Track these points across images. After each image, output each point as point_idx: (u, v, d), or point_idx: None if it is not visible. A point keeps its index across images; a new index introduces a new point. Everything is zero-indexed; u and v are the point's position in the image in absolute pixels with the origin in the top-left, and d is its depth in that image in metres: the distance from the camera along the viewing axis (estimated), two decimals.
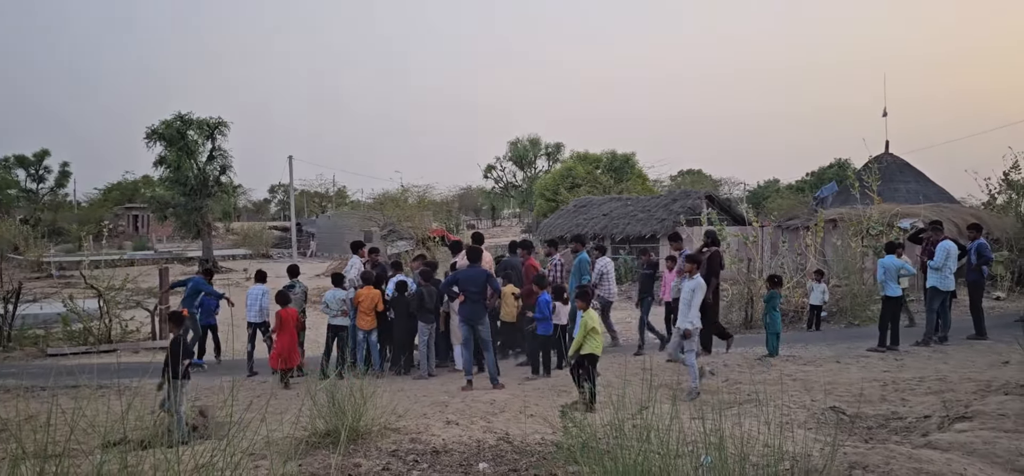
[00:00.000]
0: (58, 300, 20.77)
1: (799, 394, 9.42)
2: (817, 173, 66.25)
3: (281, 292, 12.58)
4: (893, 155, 28.89)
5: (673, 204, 29.45)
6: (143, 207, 69.69)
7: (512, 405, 8.87)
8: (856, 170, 27.48)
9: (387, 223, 44.43)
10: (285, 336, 11.82)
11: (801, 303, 17.08)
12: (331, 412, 6.97)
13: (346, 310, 12.36)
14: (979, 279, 13.12)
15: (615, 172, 45.94)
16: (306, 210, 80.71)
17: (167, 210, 49.37)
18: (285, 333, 11.84)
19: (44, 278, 38.28)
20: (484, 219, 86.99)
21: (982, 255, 13.00)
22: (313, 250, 58.49)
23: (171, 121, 44.96)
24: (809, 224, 20.19)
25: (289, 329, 11.89)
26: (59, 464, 4.04)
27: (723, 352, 12.36)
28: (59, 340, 17.34)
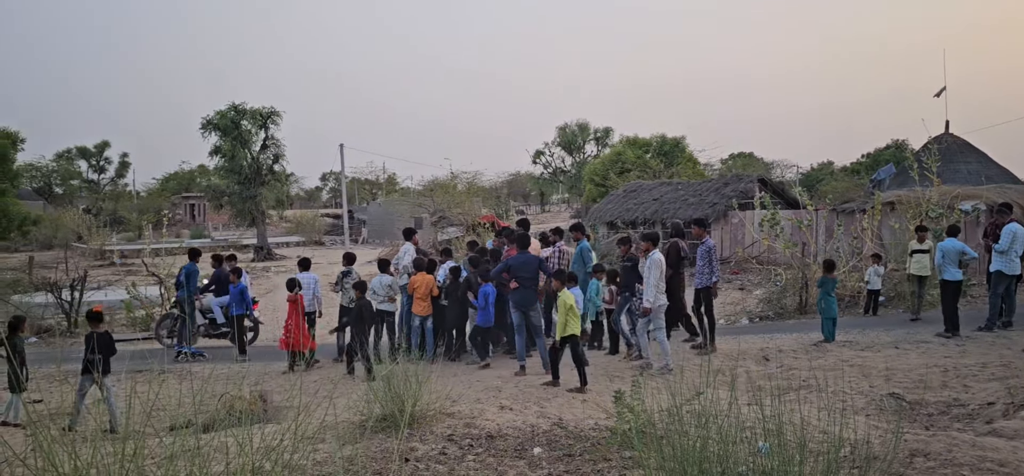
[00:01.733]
0: (121, 287, 21.42)
1: (857, 380, 9.27)
2: (873, 155, 64.69)
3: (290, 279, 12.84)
4: (953, 135, 28.06)
5: (725, 188, 29.09)
6: (199, 196, 71.29)
7: (565, 390, 8.90)
8: (914, 151, 26.80)
9: (437, 210, 44.70)
10: (293, 321, 12.08)
11: (857, 288, 16.76)
12: (387, 397, 7.07)
13: (393, 296, 12.47)
14: None
15: (665, 156, 45.50)
16: (357, 197, 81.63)
17: (222, 198, 50.44)
18: (293, 318, 12.10)
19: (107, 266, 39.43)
20: (533, 205, 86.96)
21: None
22: (364, 237, 59.18)
23: (225, 111, 45.85)
24: (866, 207, 19.76)
25: (296, 315, 12.12)
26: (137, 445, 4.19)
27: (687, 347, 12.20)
28: (123, 326, 17.88)
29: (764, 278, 20.44)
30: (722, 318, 16.63)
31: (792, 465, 4.13)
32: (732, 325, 16.02)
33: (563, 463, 6.03)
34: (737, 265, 24.47)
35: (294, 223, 66.47)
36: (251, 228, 52.46)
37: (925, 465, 5.34)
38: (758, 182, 29.33)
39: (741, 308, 17.94)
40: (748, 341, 12.65)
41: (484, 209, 44.09)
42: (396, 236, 47.75)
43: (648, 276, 10.36)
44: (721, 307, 18.70)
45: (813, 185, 49.25)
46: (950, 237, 12.69)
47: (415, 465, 6.03)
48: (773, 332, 13.66)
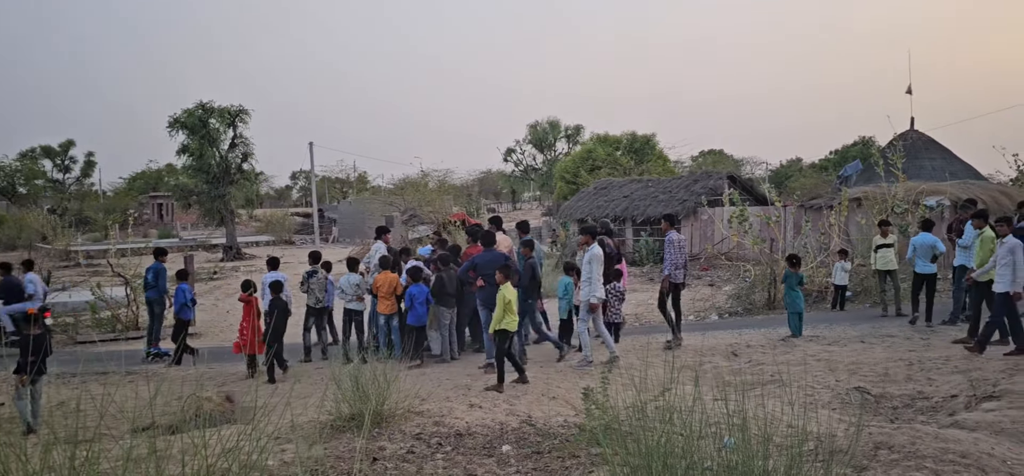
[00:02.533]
0: (86, 288, 21.08)
1: (823, 374, 9.37)
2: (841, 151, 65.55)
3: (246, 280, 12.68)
4: (918, 132, 28.46)
5: (694, 185, 29.28)
6: (167, 195, 70.37)
7: (535, 388, 8.90)
8: (880, 148, 27.15)
9: (408, 208, 44.56)
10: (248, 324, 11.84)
11: (825, 283, 16.95)
12: (355, 396, 7.03)
13: (361, 295, 12.40)
14: None
15: (635, 154, 45.71)
16: (327, 196, 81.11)
17: (191, 198, 49.84)
18: (247, 320, 11.86)
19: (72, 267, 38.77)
20: (504, 202, 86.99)
21: None
22: (335, 236, 58.77)
23: (193, 110, 45.26)
24: (833, 204, 19.98)
25: (251, 316, 11.91)
26: (90, 449, 4.11)
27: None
28: (88, 328, 17.60)
29: (733, 274, 20.60)
30: (692, 314, 16.74)
31: (756, 459, 4.15)
32: (702, 321, 16.12)
33: (532, 461, 6.02)
34: (707, 261, 24.64)
35: (264, 222, 65.88)
36: (220, 227, 51.82)
37: (889, 457, 5.40)
38: (727, 179, 29.54)
39: (711, 304, 18.06)
40: (717, 337, 12.75)
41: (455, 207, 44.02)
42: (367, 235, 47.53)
43: (586, 270, 10.59)
44: (690, 303, 18.82)
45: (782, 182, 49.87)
46: (924, 232, 12.95)
47: (383, 464, 5.99)
48: (742, 328, 13.77)
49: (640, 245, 27.99)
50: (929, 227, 13.17)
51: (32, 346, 8.49)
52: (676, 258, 11.94)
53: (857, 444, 5.30)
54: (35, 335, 8.84)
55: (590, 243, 10.80)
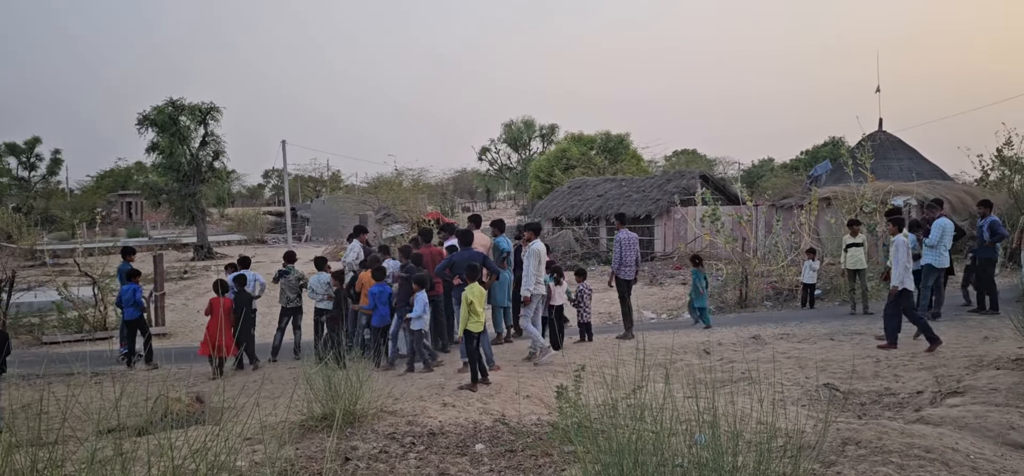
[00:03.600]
0: (52, 288, 20.76)
1: (793, 371, 9.47)
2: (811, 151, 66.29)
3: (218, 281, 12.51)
4: (887, 132, 28.88)
5: (668, 184, 29.47)
6: (136, 194, 69.46)
7: (508, 386, 8.90)
8: (850, 148, 27.48)
9: (382, 207, 44.38)
10: (215, 324, 11.68)
11: (795, 282, 17.13)
12: (327, 395, 6.98)
13: (331, 294, 12.31)
14: (993, 255, 13.07)
15: (610, 153, 45.91)
16: (301, 195, 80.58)
17: (160, 196, 49.18)
18: (215, 321, 11.71)
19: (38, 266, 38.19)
20: (479, 201, 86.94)
21: (995, 231, 12.95)
22: (308, 235, 58.43)
23: (163, 107, 44.73)
24: (803, 203, 20.20)
25: (217, 317, 11.76)
26: (53, 451, 4.05)
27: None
28: (54, 328, 17.33)
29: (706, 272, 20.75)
30: (664, 312, 16.85)
31: (726, 456, 4.18)
32: (674, 319, 16.24)
33: (505, 459, 6.02)
34: (679, 260, 24.80)
35: (235, 221, 65.33)
36: (190, 226, 51.30)
37: (856, 452, 5.47)
38: (700, 178, 29.77)
39: (683, 302, 18.17)
40: (689, 334, 12.84)
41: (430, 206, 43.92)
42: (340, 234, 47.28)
43: (527, 265, 10.80)
44: (663, 301, 18.95)
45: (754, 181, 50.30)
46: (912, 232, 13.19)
47: (355, 464, 5.96)
48: (714, 326, 13.87)
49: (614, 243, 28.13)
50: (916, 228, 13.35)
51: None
52: (626, 256, 12.55)
53: (825, 440, 5.37)
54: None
55: (533, 239, 11.15)
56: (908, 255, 10.66)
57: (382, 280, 11.32)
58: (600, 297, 18.38)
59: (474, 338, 9.10)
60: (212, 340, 11.71)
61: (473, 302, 9.14)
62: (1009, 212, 19.95)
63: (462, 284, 10.56)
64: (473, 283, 9.38)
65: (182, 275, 32.35)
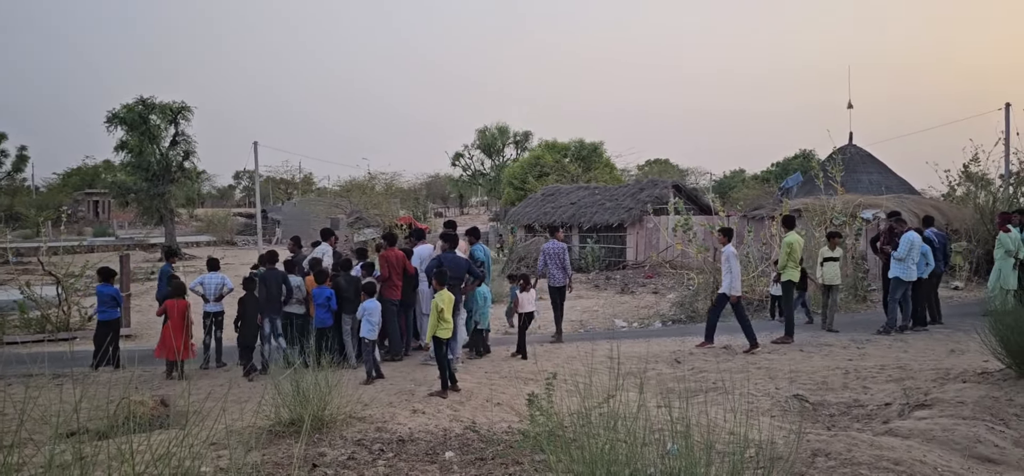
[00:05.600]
0: (15, 287, 20.33)
1: (764, 382, 9.50)
2: (782, 164, 67.06)
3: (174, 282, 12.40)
4: (857, 146, 29.25)
5: (640, 193, 29.58)
6: (104, 193, 68.43)
7: (479, 393, 8.83)
8: (820, 161, 27.78)
9: (354, 210, 44.08)
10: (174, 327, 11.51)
11: (765, 293, 17.24)
12: (295, 401, 6.87)
13: (302, 298, 12.03)
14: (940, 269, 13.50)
15: (583, 161, 46.03)
16: (272, 197, 79.86)
17: (128, 196, 48.45)
18: (172, 323, 11.56)
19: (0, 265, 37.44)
20: (452, 206, 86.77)
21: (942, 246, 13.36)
22: (279, 237, 57.86)
23: (133, 105, 44.08)
24: (774, 214, 20.36)
25: (176, 320, 11.61)
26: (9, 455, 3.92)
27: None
28: (16, 328, 16.95)
29: (677, 282, 20.83)
30: (636, 321, 16.87)
31: (699, 466, 4.16)
32: (646, 328, 16.26)
33: (475, 467, 5.96)
34: (651, 269, 24.88)
35: (205, 222, 64.56)
36: (159, 227, 50.59)
37: (826, 464, 5.48)
38: (673, 188, 29.92)
39: (655, 311, 18.23)
40: (661, 343, 12.86)
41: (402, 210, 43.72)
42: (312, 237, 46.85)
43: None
44: (635, 310, 18.99)
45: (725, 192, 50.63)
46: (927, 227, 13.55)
47: (324, 471, 5.87)
48: (685, 335, 13.91)
49: (586, 251, 28.14)
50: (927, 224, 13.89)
51: None
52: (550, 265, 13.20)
53: (796, 451, 5.37)
54: None
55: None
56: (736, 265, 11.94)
57: (324, 283, 11.20)
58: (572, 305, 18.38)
59: (443, 344, 9.03)
60: (166, 342, 11.53)
61: (443, 309, 9.06)
62: (974, 227, 20.25)
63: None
64: (442, 289, 9.29)
65: (149, 276, 31.83)
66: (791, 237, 12.83)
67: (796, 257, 12.71)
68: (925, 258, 13.08)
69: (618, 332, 15.79)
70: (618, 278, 24.39)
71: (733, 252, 12.02)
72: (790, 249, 12.60)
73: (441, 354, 8.91)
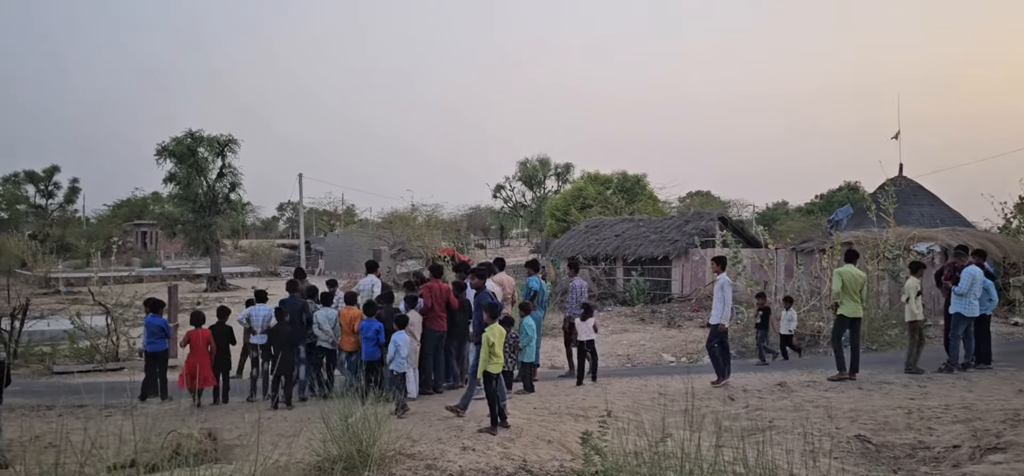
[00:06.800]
0: (65, 316, 20.68)
1: (822, 421, 9.16)
2: (826, 196, 66.03)
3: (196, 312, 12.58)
4: (907, 178, 28.60)
5: (686, 225, 29.23)
6: (152, 223, 69.82)
7: (529, 430, 8.64)
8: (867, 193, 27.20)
9: (396, 242, 44.31)
10: (194, 357, 11.65)
11: (816, 328, 16.82)
12: (344, 436, 6.75)
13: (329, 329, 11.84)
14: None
15: (626, 193, 45.72)
16: (315, 228, 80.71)
17: (176, 227, 49.45)
18: (194, 354, 11.68)
19: (51, 294, 38.25)
20: (493, 239, 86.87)
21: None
22: (322, 268, 58.37)
23: (182, 138, 45.10)
24: (824, 247, 19.93)
25: (199, 349, 11.70)
26: None
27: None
28: (66, 357, 17.20)
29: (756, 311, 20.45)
30: (684, 356, 16.54)
31: None
32: (695, 363, 15.92)
33: None
34: (698, 303, 24.50)
35: (249, 253, 65.39)
36: (205, 257, 51.41)
37: None
38: (719, 220, 29.53)
39: (702, 347, 17.85)
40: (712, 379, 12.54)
41: (444, 242, 43.80)
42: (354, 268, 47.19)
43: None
44: (682, 344, 18.65)
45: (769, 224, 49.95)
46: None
47: None
48: (736, 371, 13.56)
49: (631, 284, 27.83)
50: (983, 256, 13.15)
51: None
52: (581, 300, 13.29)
53: None
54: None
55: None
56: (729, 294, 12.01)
57: (372, 316, 11.13)
58: (618, 339, 18.16)
59: (493, 379, 8.86)
60: (190, 372, 11.58)
61: (494, 343, 8.90)
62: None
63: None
64: (494, 323, 9.15)
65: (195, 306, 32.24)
66: (840, 269, 12.44)
67: (849, 290, 12.23)
68: (987, 293, 12.62)
69: (666, 367, 15.48)
70: (664, 311, 24.04)
71: (727, 281, 12.04)
72: (840, 281, 12.17)
73: (491, 389, 8.74)
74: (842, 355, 12.06)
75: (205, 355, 11.72)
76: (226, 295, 39.16)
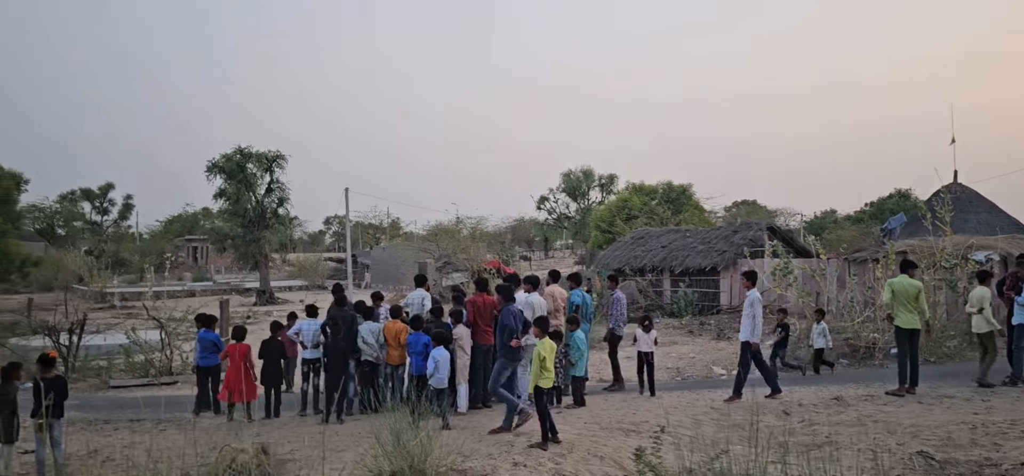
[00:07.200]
0: (121, 331, 21.12)
1: (883, 437, 8.90)
2: (877, 203, 64.75)
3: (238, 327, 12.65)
4: (962, 185, 27.84)
5: (734, 235, 28.85)
6: (202, 238, 71.27)
7: (580, 445, 8.54)
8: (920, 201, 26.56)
9: (441, 255, 44.50)
10: (234, 370, 11.73)
11: (871, 339, 16.41)
12: (396, 452, 6.73)
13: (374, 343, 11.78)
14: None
15: (672, 203, 45.33)
16: (361, 242, 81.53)
17: (226, 241, 50.37)
18: (234, 367, 11.75)
19: (107, 309, 39.13)
20: (537, 251, 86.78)
21: None
22: (368, 281, 58.87)
23: (231, 154, 45.95)
24: (878, 256, 19.47)
25: (237, 363, 11.76)
26: None
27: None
28: (121, 372, 17.54)
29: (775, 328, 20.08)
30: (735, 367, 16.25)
31: None
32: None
33: None
34: None
35: (297, 267, 66.26)
36: (254, 271, 52.24)
37: None
38: (767, 230, 29.09)
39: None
40: (764, 393, 12.29)
41: (489, 254, 43.85)
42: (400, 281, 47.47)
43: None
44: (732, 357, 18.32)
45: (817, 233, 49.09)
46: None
47: None
48: (789, 384, 13.28)
49: (678, 296, 27.52)
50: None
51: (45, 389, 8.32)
52: (622, 313, 13.29)
53: None
54: (50, 378, 8.69)
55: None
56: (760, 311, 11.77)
57: (419, 330, 11.12)
58: (667, 351, 17.95)
59: (544, 394, 8.78)
60: (231, 386, 11.70)
61: (545, 357, 8.82)
62: None
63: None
64: (545, 338, 9.08)
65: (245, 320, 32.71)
66: (891, 280, 12.11)
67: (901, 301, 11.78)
68: None
69: (717, 380, 15.24)
70: (713, 323, 23.71)
71: (758, 297, 11.82)
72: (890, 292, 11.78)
73: (542, 404, 8.65)
74: (904, 368, 11.72)
75: (240, 368, 11.83)
76: (275, 309, 39.71)
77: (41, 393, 8.22)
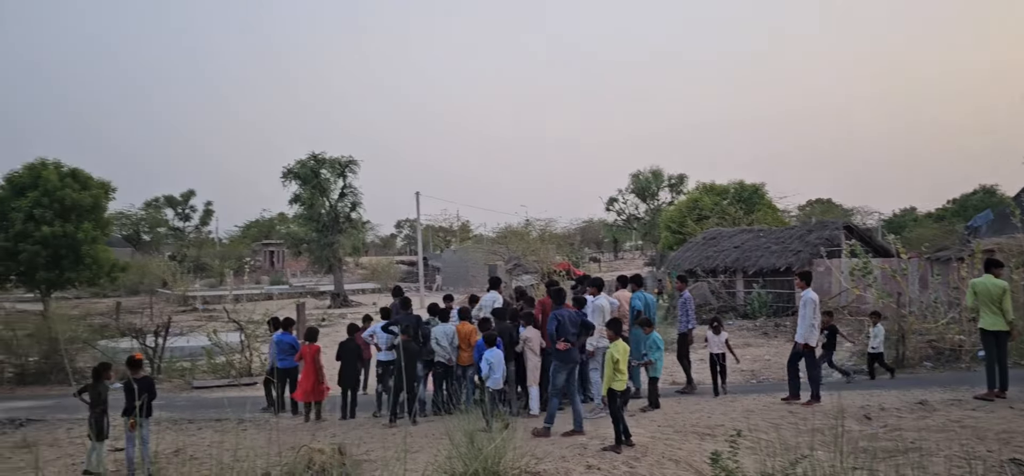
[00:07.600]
0: (203, 333, 21.78)
1: (971, 443, 8.54)
2: (960, 200, 62.38)
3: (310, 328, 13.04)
4: None
5: (809, 235, 28.14)
6: (279, 243, 73.01)
7: (654, 449, 8.44)
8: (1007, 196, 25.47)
9: (511, 257, 44.62)
10: (308, 371, 12.17)
11: (957, 341, 15.77)
12: (470, 454, 6.77)
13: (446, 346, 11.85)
14: None
15: (744, 203, 44.45)
16: (431, 245, 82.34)
17: (301, 246, 51.44)
18: (308, 369, 12.18)
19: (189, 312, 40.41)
20: (606, 252, 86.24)
21: None
22: (439, 284, 59.44)
23: (305, 161, 46.94)
24: (963, 255, 18.73)
25: (308, 363, 12.18)
26: None
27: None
28: (204, 373, 18.08)
29: (853, 330, 19.50)
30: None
31: None
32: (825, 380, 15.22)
33: None
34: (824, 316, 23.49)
35: (369, 270, 67.28)
36: (328, 275, 53.24)
37: None
38: (844, 229, 28.27)
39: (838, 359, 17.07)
40: (844, 397, 11.93)
41: (558, 256, 43.77)
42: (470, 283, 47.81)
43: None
44: None
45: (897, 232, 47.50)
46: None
47: None
48: (871, 388, 12.89)
49: (752, 297, 26.98)
50: None
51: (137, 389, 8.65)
52: (690, 313, 13.16)
53: None
54: (140, 378, 9.02)
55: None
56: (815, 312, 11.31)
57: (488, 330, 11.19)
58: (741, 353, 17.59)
59: (617, 397, 8.72)
60: (304, 387, 12.00)
61: (619, 360, 8.76)
62: None
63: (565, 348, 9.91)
64: (618, 340, 9.01)
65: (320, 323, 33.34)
66: (974, 280, 11.61)
67: (985, 301, 11.26)
68: None
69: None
70: (788, 325, 23.17)
71: (813, 298, 11.35)
72: (973, 293, 11.28)
73: (615, 407, 8.59)
74: (993, 372, 11.23)
75: (312, 368, 12.17)
76: (348, 311, 40.42)
77: (134, 392, 8.56)
